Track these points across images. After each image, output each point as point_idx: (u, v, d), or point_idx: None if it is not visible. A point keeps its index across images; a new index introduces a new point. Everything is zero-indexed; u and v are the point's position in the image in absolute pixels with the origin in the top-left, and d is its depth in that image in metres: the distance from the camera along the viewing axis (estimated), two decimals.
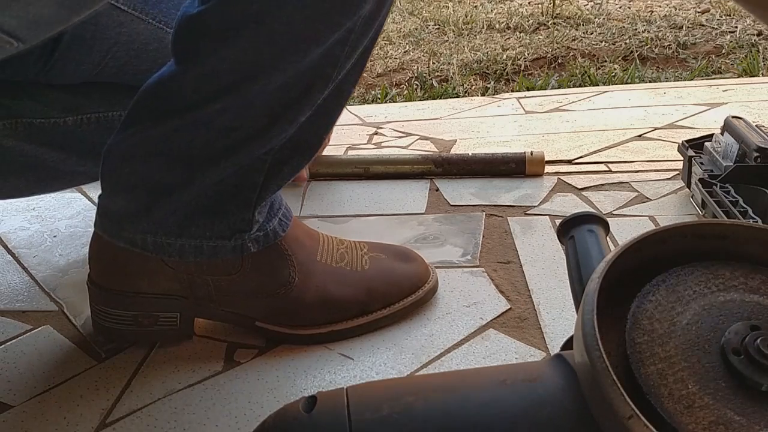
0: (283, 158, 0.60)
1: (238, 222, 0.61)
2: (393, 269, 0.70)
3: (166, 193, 0.59)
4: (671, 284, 0.38)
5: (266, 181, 0.60)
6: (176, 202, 0.59)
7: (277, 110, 0.56)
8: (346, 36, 0.54)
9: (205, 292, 0.63)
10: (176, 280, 0.62)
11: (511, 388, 0.38)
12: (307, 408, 0.38)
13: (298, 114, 0.57)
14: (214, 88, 0.54)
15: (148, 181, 0.59)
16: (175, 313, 0.63)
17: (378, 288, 0.67)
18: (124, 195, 0.60)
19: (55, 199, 0.98)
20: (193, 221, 0.60)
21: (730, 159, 0.85)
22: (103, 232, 0.62)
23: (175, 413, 0.58)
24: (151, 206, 0.59)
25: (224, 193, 0.59)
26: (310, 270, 0.65)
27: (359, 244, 0.72)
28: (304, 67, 0.54)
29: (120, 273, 0.62)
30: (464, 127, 1.29)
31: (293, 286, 0.64)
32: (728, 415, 0.32)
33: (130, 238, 0.61)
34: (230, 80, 0.54)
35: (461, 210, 0.92)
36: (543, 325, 0.67)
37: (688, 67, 1.75)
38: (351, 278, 0.67)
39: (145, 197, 0.59)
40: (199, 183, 0.58)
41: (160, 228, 0.60)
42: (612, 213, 0.89)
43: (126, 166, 0.59)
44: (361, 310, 0.66)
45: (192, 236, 0.60)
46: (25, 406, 0.59)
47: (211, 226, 0.60)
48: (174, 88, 0.56)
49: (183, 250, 0.61)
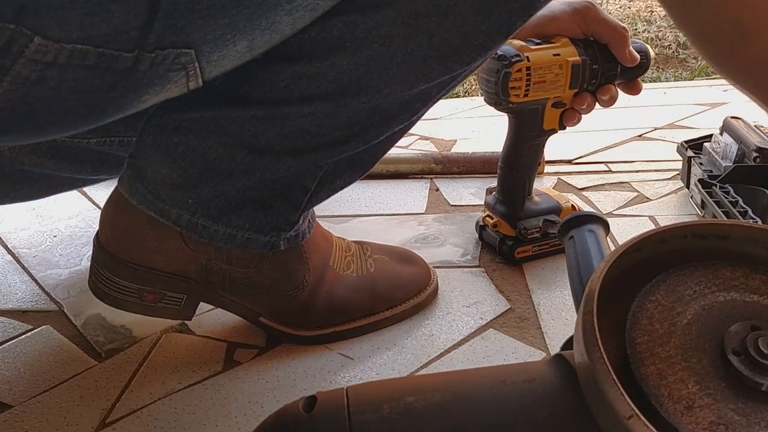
0: (338, 170, 0.60)
1: (281, 221, 0.60)
2: (397, 272, 0.70)
3: (221, 175, 0.57)
4: (671, 284, 0.38)
5: (318, 189, 0.60)
6: (227, 186, 0.57)
7: (358, 128, 0.56)
8: (449, 81, 0.56)
9: (219, 279, 0.62)
10: (193, 262, 0.61)
11: (511, 388, 0.38)
12: (307, 408, 0.37)
13: (374, 137, 0.58)
14: (311, 90, 0.53)
15: (204, 158, 0.56)
16: (183, 294, 0.62)
17: (382, 291, 0.68)
18: (169, 164, 0.57)
19: (55, 199, 0.98)
20: (237, 211, 0.59)
21: (730, 159, 0.85)
22: (132, 196, 0.58)
23: (175, 413, 0.58)
24: (198, 183, 0.57)
25: (276, 190, 0.58)
26: (322, 275, 0.65)
27: (363, 246, 0.72)
28: (403, 98, 0.55)
29: (135, 244, 0.60)
30: (464, 127, 1.29)
31: (305, 289, 0.64)
32: (728, 415, 0.32)
33: (164, 210, 0.58)
34: (330, 88, 0.53)
35: (461, 210, 0.92)
36: (543, 325, 0.67)
37: (688, 67, 1.76)
38: (357, 284, 0.67)
39: (194, 173, 0.57)
40: (259, 175, 0.57)
41: (201, 208, 0.58)
42: (612, 213, 0.89)
43: (176, 136, 0.56)
44: (364, 312, 0.67)
45: (230, 225, 0.59)
46: (25, 406, 0.59)
47: (254, 219, 0.59)
48: (265, 77, 0.54)
49: (216, 235, 0.59)
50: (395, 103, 0.56)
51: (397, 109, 0.57)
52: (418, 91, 0.55)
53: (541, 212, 0.78)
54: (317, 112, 0.54)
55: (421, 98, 0.57)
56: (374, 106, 0.55)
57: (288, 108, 0.54)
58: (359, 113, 0.55)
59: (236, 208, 0.58)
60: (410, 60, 0.53)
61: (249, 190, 0.58)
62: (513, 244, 0.77)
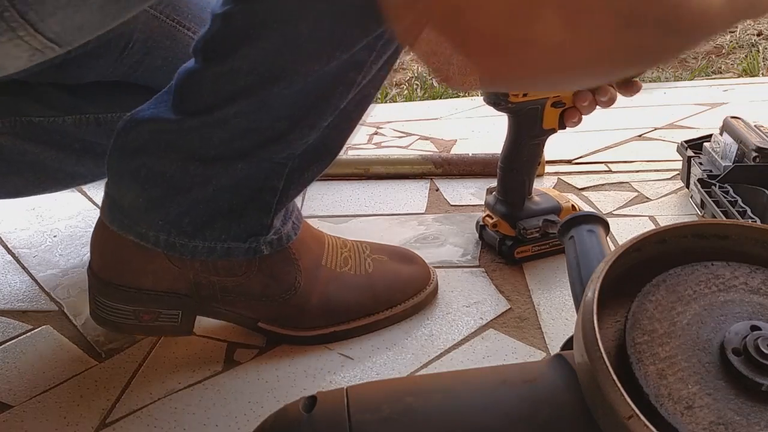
0: (304, 164, 0.59)
1: (256, 226, 0.60)
2: (396, 272, 0.70)
3: (182, 191, 0.58)
4: (671, 284, 0.38)
5: (286, 187, 0.59)
6: (192, 201, 0.58)
7: (297, 114, 0.55)
8: (374, 42, 0.53)
9: (210, 292, 0.63)
10: (182, 279, 0.62)
11: (511, 389, 0.38)
12: (307, 408, 0.38)
13: (319, 119, 0.56)
14: (232, 87, 0.53)
15: (162, 177, 0.57)
16: (177, 310, 0.63)
17: (382, 292, 0.68)
18: (136, 188, 0.58)
19: (55, 199, 0.98)
20: (209, 223, 0.59)
21: (729, 159, 0.85)
22: (112, 224, 0.60)
23: (175, 413, 0.58)
24: (164, 203, 0.58)
25: (243, 196, 0.59)
26: (315, 275, 0.65)
27: (362, 245, 0.72)
28: (328, 72, 0.53)
29: (123, 268, 0.61)
30: (464, 127, 1.29)
31: (298, 290, 0.64)
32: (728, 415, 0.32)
33: (142, 233, 0.59)
34: (249, 81, 0.52)
35: (461, 210, 0.92)
36: (543, 325, 0.67)
37: (688, 67, 1.76)
38: (355, 282, 0.67)
39: (158, 194, 0.58)
40: (215, 183, 0.57)
41: (174, 228, 0.59)
42: (612, 213, 0.89)
43: (137, 158, 0.57)
44: (363, 312, 0.67)
45: (206, 239, 0.60)
46: (25, 406, 0.59)
47: (228, 229, 0.60)
48: (193, 85, 0.55)
49: (196, 251, 0.60)
50: (324, 79, 0.54)
51: (330, 84, 0.54)
52: (343, 61, 0.53)
53: (541, 212, 0.78)
54: (247, 108, 0.54)
55: (353, 67, 0.54)
56: (301, 89, 0.53)
57: (219, 112, 0.54)
58: (289, 99, 0.54)
59: (209, 222, 0.59)
60: (318, 33, 0.51)
61: (214, 201, 0.58)
62: (512, 244, 0.77)
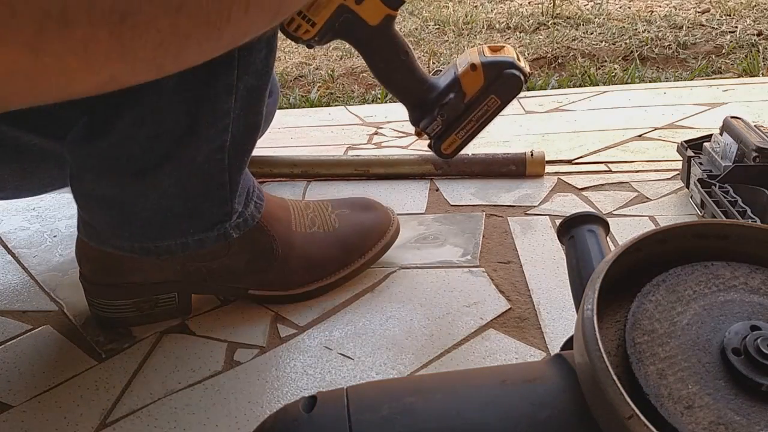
0: (238, 149, 0.61)
1: (219, 216, 0.63)
2: (360, 222, 0.75)
3: (130, 206, 0.60)
4: (671, 284, 0.38)
5: (232, 175, 0.62)
6: (145, 212, 0.60)
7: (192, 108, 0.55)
8: None
9: (198, 276, 0.67)
10: (170, 269, 0.66)
11: (511, 389, 0.38)
12: (307, 408, 0.37)
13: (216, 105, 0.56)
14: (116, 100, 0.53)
15: (106, 198, 0.60)
16: (173, 293, 0.67)
17: (351, 242, 0.73)
18: (97, 210, 0.62)
19: (55, 199, 0.98)
20: (175, 227, 0.62)
21: (729, 159, 0.85)
22: (90, 240, 0.64)
23: (175, 413, 0.58)
24: (123, 219, 0.61)
25: (194, 197, 0.61)
26: (289, 241, 0.70)
27: (323, 204, 0.76)
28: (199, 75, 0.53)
29: (113, 270, 0.65)
30: None
31: (278, 258, 0.69)
32: (728, 415, 0.32)
33: (117, 245, 0.63)
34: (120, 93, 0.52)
35: (461, 210, 0.92)
36: (543, 325, 0.67)
37: (688, 67, 1.75)
38: (326, 239, 0.72)
39: (115, 212, 0.61)
40: (157, 192, 0.59)
41: (142, 236, 0.62)
42: (612, 213, 0.89)
43: (84, 185, 0.60)
44: (340, 265, 0.72)
45: (176, 237, 0.63)
46: (25, 406, 0.59)
47: (190, 225, 0.63)
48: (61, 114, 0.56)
49: (170, 249, 0.63)
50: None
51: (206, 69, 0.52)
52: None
53: (438, 99, 0.67)
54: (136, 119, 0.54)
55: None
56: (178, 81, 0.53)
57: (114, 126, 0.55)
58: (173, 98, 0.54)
59: (172, 225, 0.62)
60: None
61: (167, 207, 0.60)
62: (435, 143, 0.69)
